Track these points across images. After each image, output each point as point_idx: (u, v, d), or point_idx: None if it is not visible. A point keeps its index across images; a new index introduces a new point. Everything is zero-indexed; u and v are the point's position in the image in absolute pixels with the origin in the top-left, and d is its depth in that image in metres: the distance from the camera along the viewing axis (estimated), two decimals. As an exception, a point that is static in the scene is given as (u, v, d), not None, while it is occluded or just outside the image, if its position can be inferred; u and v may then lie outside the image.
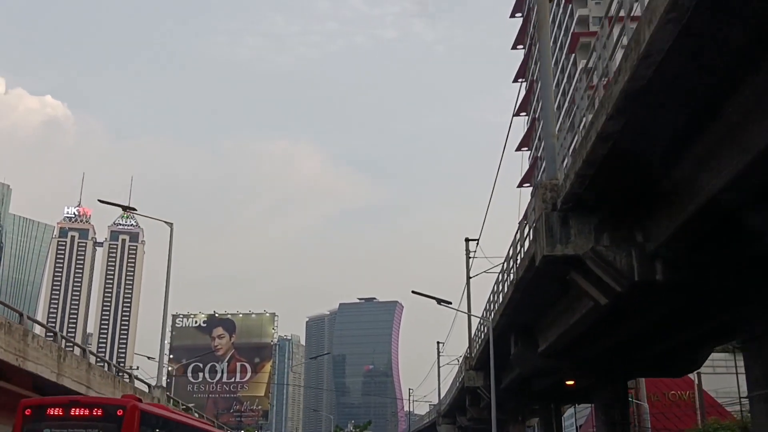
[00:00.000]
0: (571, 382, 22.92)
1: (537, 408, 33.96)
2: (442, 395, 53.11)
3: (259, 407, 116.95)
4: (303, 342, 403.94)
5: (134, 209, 22.38)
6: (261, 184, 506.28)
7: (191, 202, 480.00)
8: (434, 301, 23.37)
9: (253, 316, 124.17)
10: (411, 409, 78.03)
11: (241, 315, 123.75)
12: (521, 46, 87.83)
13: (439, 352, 53.92)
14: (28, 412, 15.03)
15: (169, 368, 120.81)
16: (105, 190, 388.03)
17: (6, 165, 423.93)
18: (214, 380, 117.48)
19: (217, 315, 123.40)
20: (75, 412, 15.03)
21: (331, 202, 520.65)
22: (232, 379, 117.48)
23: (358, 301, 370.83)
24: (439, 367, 54.10)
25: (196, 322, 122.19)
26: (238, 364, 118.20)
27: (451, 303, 20.04)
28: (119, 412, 14.97)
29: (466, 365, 26.75)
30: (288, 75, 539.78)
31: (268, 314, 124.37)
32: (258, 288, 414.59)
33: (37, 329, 23.45)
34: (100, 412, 15.24)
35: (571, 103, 53.13)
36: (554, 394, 25.51)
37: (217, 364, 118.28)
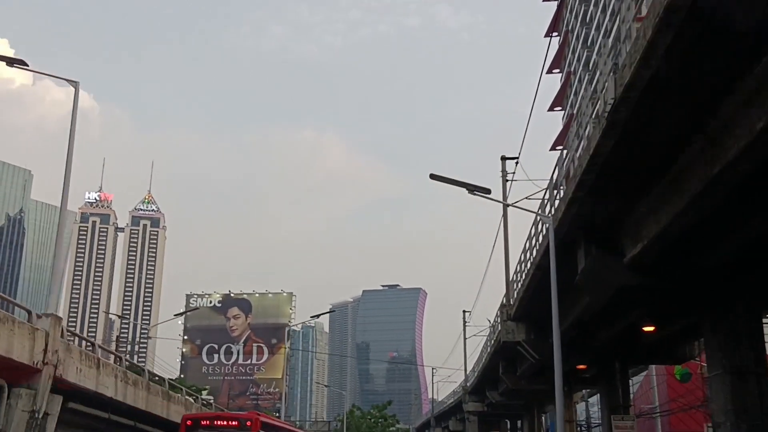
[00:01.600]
0: (650, 329, 16.77)
1: (588, 376, 27.81)
2: (468, 370, 47.25)
3: (276, 390, 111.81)
4: (326, 329, 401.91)
5: (25, 63, 16.74)
6: (286, 175, 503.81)
7: (216, 193, 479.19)
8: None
9: (270, 295, 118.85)
10: (434, 392, 72.34)
11: (257, 295, 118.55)
12: (555, 34, 78.11)
13: (465, 322, 48.02)
14: (189, 423, 21.22)
15: (183, 349, 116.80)
16: (127, 178, 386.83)
17: (32, 155, 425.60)
18: (230, 362, 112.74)
19: (232, 295, 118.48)
20: (218, 423, 21.20)
21: (355, 191, 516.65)
22: (248, 361, 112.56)
23: (381, 288, 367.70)
24: (465, 339, 48.24)
25: (210, 301, 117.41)
26: (255, 345, 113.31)
27: (490, 191, 13.86)
28: (248, 423, 20.90)
29: (502, 315, 20.79)
30: (312, 64, 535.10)
31: (285, 294, 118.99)
32: (282, 277, 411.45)
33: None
34: (236, 423, 21.12)
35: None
36: (621, 348, 19.59)
37: (232, 345, 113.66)
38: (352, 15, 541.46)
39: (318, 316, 34.50)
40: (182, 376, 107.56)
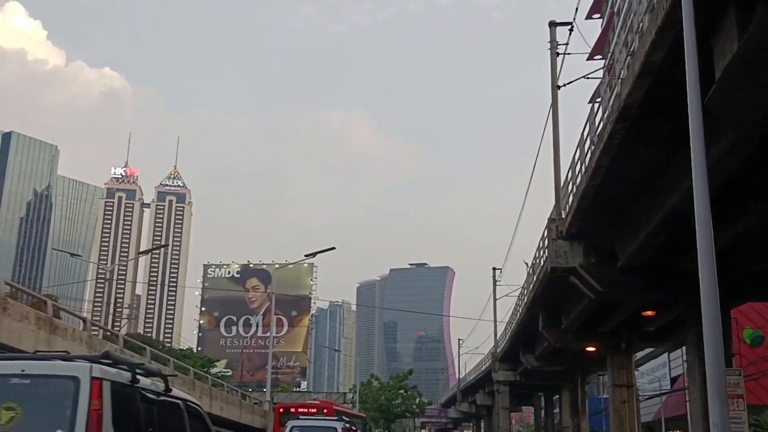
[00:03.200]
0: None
1: (653, 329, 22.23)
2: (498, 335, 41.70)
3: (297, 363, 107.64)
4: (354, 308, 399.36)
5: None
6: (315, 155, 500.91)
7: (245, 173, 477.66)
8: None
9: (291, 266, 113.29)
10: (460, 365, 67.13)
11: (277, 265, 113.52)
12: (597, 16, 69.67)
13: (495, 281, 42.35)
14: (281, 410, 28.79)
15: (201, 321, 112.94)
16: (156, 156, 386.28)
17: (65, 134, 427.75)
18: (248, 334, 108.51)
19: (251, 265, 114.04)
20: (302, 410, 27.16)
21: (383, 172, 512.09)
22: (268, 334, 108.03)
23: (409, 266, 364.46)
24: (495, 299, 42.64)
25: (229, 272, 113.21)
26: (274, 317, 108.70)
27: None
28: (325, 411, 26.90)
29: (552, 231, 15.14)
30: (341, 44, 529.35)
31: (306, 264, 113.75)
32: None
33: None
34: (315, 410, 27.19)
35: None
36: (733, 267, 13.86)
37: (251, 317, 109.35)
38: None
39: (314, 254, 28.78)
40: (199, 348, 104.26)
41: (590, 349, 27.60)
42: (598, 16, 69.53)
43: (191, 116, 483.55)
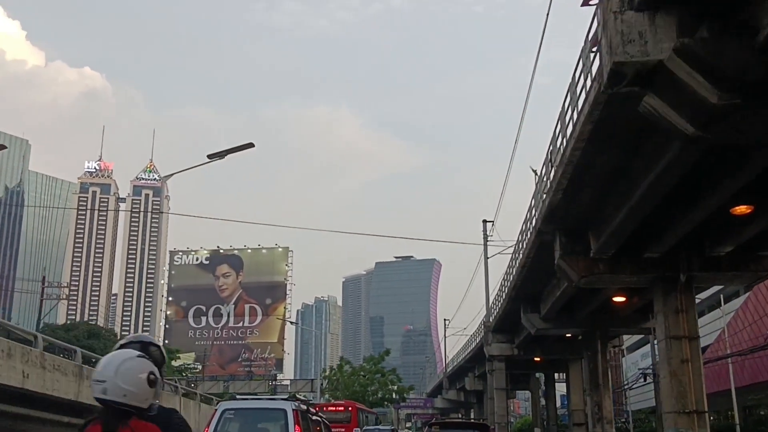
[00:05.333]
0: None
1: (723, 254, 14.84)
2: (491, 301, 34.25)
3: (272, 355, 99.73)
4: (340, 303, 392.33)
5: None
6: (302, 151, 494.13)
7: (233, 170, 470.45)
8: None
9: (264, 251, 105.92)
10: (446, 348, 59.91)
11: (249, 250, 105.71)
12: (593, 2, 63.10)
13: (486, 236, 34.87)
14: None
15: (167, 312, 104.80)
16: (134, 152, 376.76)
17: (44, 134, 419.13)
18: (219, 325, 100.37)
19: (221, 251, 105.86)
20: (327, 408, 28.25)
21: (370, 166, 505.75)
22: (240, 324, 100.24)
23: (394, 259, 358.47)
24: (486, 258, 35.14)
25: (197, 259, 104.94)
26: (247, 306, 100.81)
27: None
28: (350, 408, 29.96)
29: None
30: (326, 40, 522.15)
31: (280, 249, 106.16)
32: (296, 251, 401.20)
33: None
34: (342, 409, 29.75)
35: None
36: None
37: (222, 307, 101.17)
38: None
39: (223, 154, 20.47)
40: (166, 341, 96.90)
41: (618, 299, 20.19)
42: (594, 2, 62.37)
43: (174, 114, 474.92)
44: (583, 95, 10.67)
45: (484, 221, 35.52)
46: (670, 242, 14.26)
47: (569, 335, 27.78)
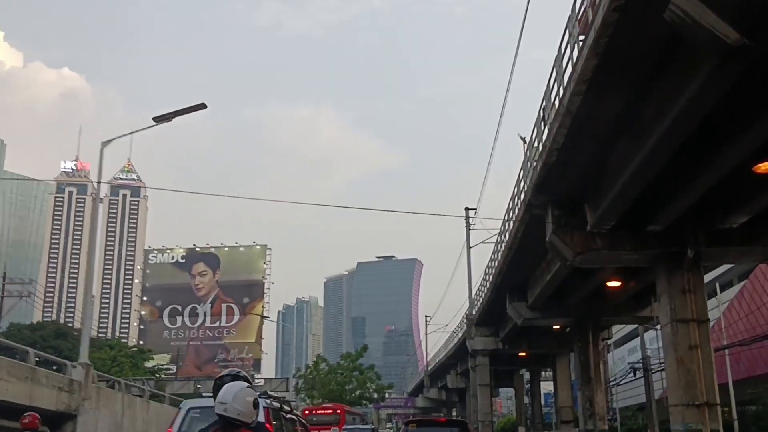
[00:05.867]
0: None
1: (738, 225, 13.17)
2: (473, 293, 32.51)
3: (250, 355, 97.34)
4: (321, 303, 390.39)
5: None
6: (283, 151, 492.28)
7: (214, 171, 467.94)
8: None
9: (241, 249, 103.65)
10: (427, 345, 58.12)
11: (226, 248, 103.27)
12: None
13: (468, 223, 33.14)
14: (306, 412, 31.89)
15: (142, 312, 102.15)
16: (115, 154, 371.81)
17: (22, 135, 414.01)
18: (195, 325, 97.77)
19: (198, 249, 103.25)
20: (320, 412, 31.95)
21: (350, 166, 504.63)
22: (217, 323, 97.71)
23: (376, 259, 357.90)
24: (469, 247, 33.42)
25: (173, 257, 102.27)
26: (224, 305, 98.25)
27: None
28: (338, 411, 32.74)
29: None
30: (307, 40, 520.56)
31: (258, 246, 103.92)
32: (276, 252, 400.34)
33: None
34: (330, 411, 32.54)
35: None
36: None
37: (198, 306, 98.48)
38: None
39: (171, 116, 18.63)
40: (141, 342, 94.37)
41: (613, 284, 18.47)
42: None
43: (153, 115, 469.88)
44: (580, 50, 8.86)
45: (467, 209, 33.78)
46: (677, 212, 12.51)
47: (557, 327, 26.11)
